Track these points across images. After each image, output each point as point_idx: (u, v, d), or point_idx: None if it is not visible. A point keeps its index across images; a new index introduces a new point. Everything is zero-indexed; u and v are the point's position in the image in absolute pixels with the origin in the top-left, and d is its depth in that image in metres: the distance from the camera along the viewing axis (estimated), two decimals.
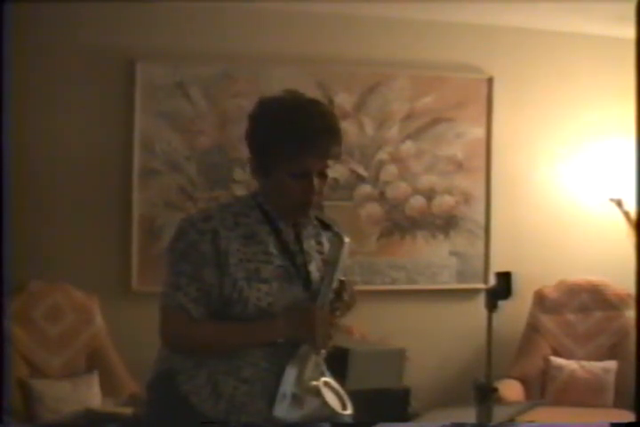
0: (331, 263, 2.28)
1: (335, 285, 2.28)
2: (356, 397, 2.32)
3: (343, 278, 2.32)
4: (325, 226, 2.33)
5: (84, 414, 3.89)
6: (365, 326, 4.18)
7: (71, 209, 4.39)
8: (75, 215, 4.39)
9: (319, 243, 2.36)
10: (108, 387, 4.07)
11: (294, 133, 2.17)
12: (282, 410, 2.17)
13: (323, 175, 2.23)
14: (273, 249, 2.24)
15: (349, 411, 2.27)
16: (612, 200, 4.97)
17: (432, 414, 2.63)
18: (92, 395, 4.01)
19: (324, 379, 2.25)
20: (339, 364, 3.00)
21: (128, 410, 3.81)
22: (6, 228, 3.72)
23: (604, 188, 4.99)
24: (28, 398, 3.90)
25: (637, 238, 4.73)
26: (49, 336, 4.09)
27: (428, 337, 4.75)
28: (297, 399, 2.18)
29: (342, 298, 2.30)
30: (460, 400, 2.75)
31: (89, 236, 4.40)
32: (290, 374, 2.19)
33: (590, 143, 5.03)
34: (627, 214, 4.95)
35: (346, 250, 2.28)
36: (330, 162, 2.22)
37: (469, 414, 2.22)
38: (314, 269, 2.31)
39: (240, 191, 4.32)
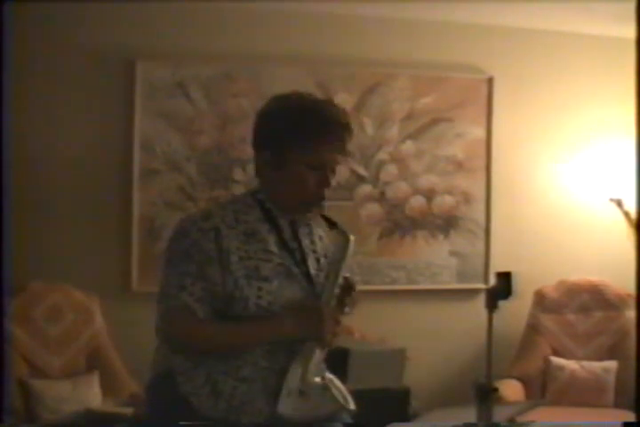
0: (336, 261, 2.30)
1: (340, 282, 2.29)
2: (356, 397, 2.32)
3: (347, 275, 2.34)
4: (331, 224, 2.33)
5: (84, 414, 3.89)
6: (365, 326, 4.18)
7: (71, 209, 4.39)
8: (75, 215, 4.39)
9: (312, 242, 2.37)
10: (108, 387, 4.07)
11: (314, 126, 2.20)
12: (287, 407, 2.17)
13: (333, 171, 2.26)
14: (273, 247, 2.24)
15: (352, 407, 2.28)
16: (611, 200, 4.97)
17: (433, 414, 2.62)
18: (92, 395, 4.01)
19: (326, 375, 2.26)
20: (339, 364, 2.99)
21: (128, 410, 3.81)
22: (6, 228, 3.72)
23: (604, 188, 4.99)
24: (28, 398, 3.90)
25: (637, 238, 4.73)
26: (49, 336, 4.09)
27: (428, 337, 4.75)
28: (302, 396, 2.19)
29: (351, 294, 2.32)
30: (460, 400, 2.75)
31: (89, 236, 4.40)
32: (295, 371, 2.19)
33: (590, 143, 5.03)
34: (627, 214, 4.95)
35: (351, 248, 2.31)
36: (340, 158, 2.26)
37: (469, 414, 2.22)
38: (312, 267, 2.31)
39: (240, 191, 4.30)
